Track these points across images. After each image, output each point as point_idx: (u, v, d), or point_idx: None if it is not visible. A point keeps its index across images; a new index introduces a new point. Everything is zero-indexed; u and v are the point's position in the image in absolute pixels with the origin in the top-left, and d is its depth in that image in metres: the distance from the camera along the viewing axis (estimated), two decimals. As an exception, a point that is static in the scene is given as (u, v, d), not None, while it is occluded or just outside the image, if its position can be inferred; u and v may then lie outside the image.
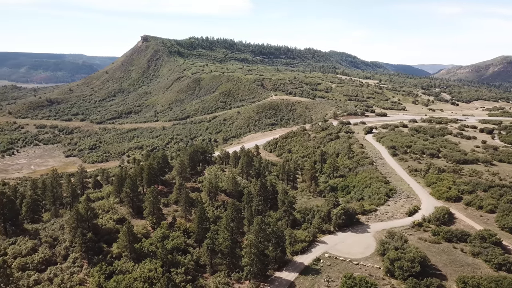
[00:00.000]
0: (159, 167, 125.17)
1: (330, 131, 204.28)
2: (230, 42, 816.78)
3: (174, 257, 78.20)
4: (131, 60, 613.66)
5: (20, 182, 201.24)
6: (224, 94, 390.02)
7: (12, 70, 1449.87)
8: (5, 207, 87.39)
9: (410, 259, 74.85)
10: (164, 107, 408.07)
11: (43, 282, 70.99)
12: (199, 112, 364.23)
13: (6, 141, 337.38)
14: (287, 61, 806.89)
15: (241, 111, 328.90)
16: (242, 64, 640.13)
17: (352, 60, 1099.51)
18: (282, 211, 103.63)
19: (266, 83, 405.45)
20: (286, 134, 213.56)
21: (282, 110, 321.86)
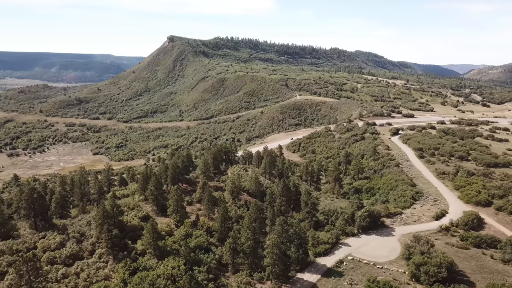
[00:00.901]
0: (183, 166, 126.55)
1: (355, 132, 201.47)
2: (254, 42, 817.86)
3: (196, 255, 78.92)
4: (157, 60, 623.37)
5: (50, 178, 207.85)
6: (248, 94, 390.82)
7: (44, 70, 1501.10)
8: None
9: (437, 264, 72.89)
10: (189, 107, 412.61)
11: (70, 276, 72.99)
12: (223, 112, 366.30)
13: (37, 139, 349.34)
14: (312, 61, 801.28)
15: (264, 111, 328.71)
16: (267, 64, 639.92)
17: (378, 60, 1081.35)
18: (305, 212, 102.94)
19: (290, 83, 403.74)
20: (310, 135, 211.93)
21: (306, 110, 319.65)
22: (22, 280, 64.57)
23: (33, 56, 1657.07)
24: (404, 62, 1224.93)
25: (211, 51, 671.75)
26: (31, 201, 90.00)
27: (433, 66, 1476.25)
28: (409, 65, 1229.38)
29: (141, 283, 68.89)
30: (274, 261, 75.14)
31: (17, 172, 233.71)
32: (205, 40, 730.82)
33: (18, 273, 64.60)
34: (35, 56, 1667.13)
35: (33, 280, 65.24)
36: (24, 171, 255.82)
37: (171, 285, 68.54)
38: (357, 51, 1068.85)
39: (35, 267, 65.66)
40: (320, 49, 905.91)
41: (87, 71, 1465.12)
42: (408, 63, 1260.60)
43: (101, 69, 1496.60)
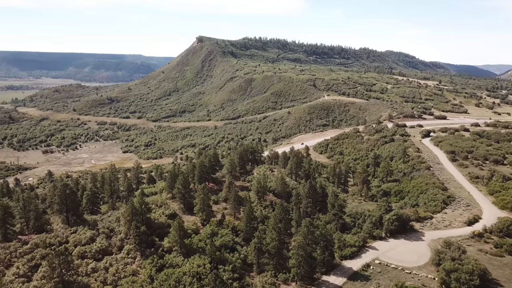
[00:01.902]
0: (210, 165, 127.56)
1: (385, 133, 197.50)
2: (283, 42, 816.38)
3: (222, 254, 79.30)
4: (186, 60, 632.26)
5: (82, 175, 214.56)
6: (275, 94, 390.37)
7: (77, 69, 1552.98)
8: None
9: (469, 271, 70.35)
10: (216, 107, 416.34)
11: (99, 270, 74.89)
12: (250, 112, 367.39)
13: (70, 136, 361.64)
14: (341, 61, 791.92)
15: (291, 111, 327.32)
16: (295, 64, 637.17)
17: (410, 60, 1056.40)
18: (331, 214, 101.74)
19: (318, 83, 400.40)
20: (338, 136, 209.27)
21: (335, 110, 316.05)
22: (54, 272, 66.77)
23: (67, 57, 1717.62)
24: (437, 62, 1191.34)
25: (239, 52, 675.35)
26: (64, 197, 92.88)
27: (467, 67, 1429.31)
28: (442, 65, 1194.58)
29: (167, 280, 69.87)
30: (299, 262, 74.59)
31: (51, 169, 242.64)
32: (233, 41, 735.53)
33: (50, 266, 66.86)
34: (70, 56, 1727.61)
35: (65, 273, 67.32)
36: (58, 167, 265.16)
37: (196, 283, 69.16)
38: (387, 51, 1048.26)
39: (66, 260, 67.75)
40: (350, 49, 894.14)
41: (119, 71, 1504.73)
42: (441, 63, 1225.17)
43: (132, 69, 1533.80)
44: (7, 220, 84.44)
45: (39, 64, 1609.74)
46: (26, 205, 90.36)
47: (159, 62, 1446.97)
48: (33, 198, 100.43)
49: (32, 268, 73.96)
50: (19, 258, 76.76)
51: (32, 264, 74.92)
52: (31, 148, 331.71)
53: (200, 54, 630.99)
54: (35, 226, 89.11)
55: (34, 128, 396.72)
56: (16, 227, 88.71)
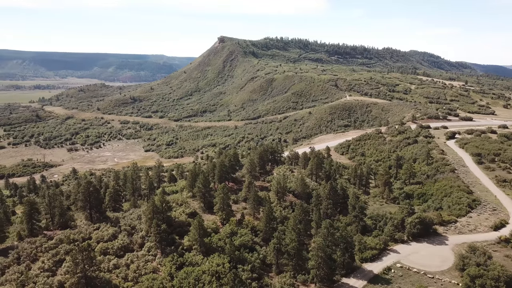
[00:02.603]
0: (230, 165, 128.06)
1: (408, 134, 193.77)
2: (304, 42, 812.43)
3: (241, 254, 79.41)
4: (207, 60, 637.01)
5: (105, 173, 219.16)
6: (296, 94, 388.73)
7: (102, 69, 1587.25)
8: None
9: (494, 278, 68.27)
10: (237, 107, 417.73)
11: (121, 267, 76.19)
12: (270, 112, 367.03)
13: (94, 135, 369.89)
14: (363, 61, 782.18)
15: (312, 112, 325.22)
16: (316, 64, 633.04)
17: (434, 60, 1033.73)
18: (352, 216, 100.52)
19: (340, 84, 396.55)
20: (360, 137, 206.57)
21: (356, 111, 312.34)
22: (77, 268, 68.28)
23: (92, 57, 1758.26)
24: (463, 63, 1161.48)
25: (260, 52, 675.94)
26: (87, 194, 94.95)
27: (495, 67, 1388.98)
28: (468, 65, 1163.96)
29: (187, 278, 70.48)
30: (319, 264, 73.97)
31: (75, 166, 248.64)
32: (255, 41, 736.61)
33: (74, 261, 68.39)
34: (94, 56, 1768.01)
35: (87, 269, 68.75)
36: (82, 165, 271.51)
37: (215, 281, 69.47)
38: (411, 51, 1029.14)
39: (89, 256, 69.17)
40: (372, 49, 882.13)
41: (141, 71, 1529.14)
42: (467, 63, 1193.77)
43: (154, 69, 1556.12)
44: (33, 216, 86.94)
45: (65, 64, 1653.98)
46: (51, 202, 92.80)
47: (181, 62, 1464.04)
48: (58, 195, 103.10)
49: (57, 263, 75.87)
50: (44, 253, 78.88)
51: (57, 259, 76.85)
52: (56, 146, 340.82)
53: (221, 54, 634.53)
54: (59, 222, 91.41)
55: (60, 127, 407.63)
56: (42, 222, 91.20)
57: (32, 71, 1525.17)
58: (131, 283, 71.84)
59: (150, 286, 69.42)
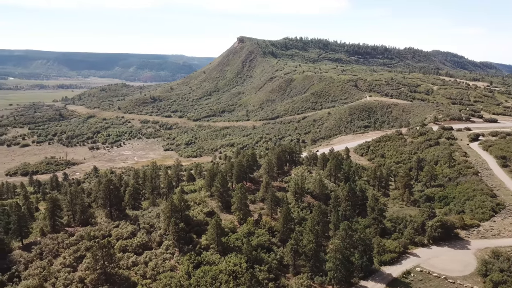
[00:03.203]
0: (248, 165, 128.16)
1: (429, 136, 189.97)
2: (324, 42, 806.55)
3: (258, 254, 79.34)
4: (226, 60, 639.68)
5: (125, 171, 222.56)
6: (315, 94, 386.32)
7: (123, 69, 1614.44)
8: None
9: (519, 285, 66.13)
10: (255, 107, 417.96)
11: (139, 264, 77.22)
12: (289, 112, 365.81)
13: (115, 134, 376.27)
14: (384, 61, 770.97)
15: (332, 112, 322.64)
16: (336, 64, 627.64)
17: (458, 60, 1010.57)
18: (371, 218, 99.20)
19: (360, 84, 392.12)
20: (380, 138, 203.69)
21: (377, 112, 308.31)
22: (97, 264, 69.55)
23: (114, 57, 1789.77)
24: (488, 63, 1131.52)
25: (279, 52, 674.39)
26: (108, 192, 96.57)
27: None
28: (493, 65, 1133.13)
29: (204, 277, 70.85)
30: (337, 266, 73.24)
31: (96, 164, 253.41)
32: (274, 41, 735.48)
33: (94, 258, 69.70)
34: (116, 56, 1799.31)
35: (107, 265, 69.95)
36: (103, 163, 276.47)
37: (232, 281, 69.60)
38: (434, 51, 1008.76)
39: (109, 253, 70.37)
40: (393, 49, 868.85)
41: (161, 71, 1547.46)
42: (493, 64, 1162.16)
43: (174, 69, 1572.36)
44: (55, 212, 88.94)
45: (87, 64, 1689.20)
46: (73, 199, 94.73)
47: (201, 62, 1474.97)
48: (80, 192, 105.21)
49: (77, 259, 77.44)
50: (65, 249, 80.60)
51: (78, 255, 78.44)
52: (78, 144, 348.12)
53: (240, 54, 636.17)
54: (80, 219, 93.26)
55: (82, 125, 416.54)
56: (64, 219, 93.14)
57: (55, 71, 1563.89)
58: (149, 280, 72.69)
59: (168, 284, 70.05)
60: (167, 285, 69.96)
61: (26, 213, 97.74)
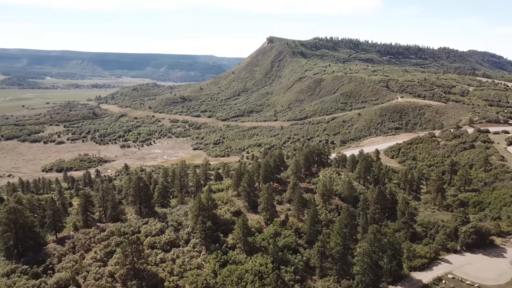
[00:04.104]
0: (275, 165, 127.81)
1: (464, 139, 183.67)
2: (355, 42, 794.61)
3: (284, 255, 78.91)
4: (256, 60, 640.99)
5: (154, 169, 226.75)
6: (345, 95, 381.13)
7: (154, 69, 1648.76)
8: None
9: (560, 297, 62.69)
10: (283, 107, 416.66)
11: (167, 261, 78.33)
12: (317, 112, 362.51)
13: (145, 133, 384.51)
14: (417, 62, 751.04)
15: (362, 113, 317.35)
16: (367, 65, 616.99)
17: (496, 60, 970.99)
18: (401, 222, 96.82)
19: (391, 85, 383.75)
20: (411, 140, 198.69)
21: (408, 113, 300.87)
22: (127, 260, 71.05)
23: (145, 57, 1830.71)
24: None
25: (309, 52, 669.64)
26: (138, 189, 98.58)
27: None
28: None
29: (230, 276, 71.09)
30: (364, 270, 71.85)
31: (127, 162, 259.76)
32: (304, 41, 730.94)
33: (124, 253, 71.24)
34: (147, 57, 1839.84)
35: (136, 261, 71.32)
36: (133, 161, 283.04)
37: (258, 281, 69.50)
38: (470, 51, 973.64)
39: (138, 249, 71.72)
40: (427, 49, 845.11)
41: (191, 71, 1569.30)
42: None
43: (204, 69, 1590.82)
44: (88, 208, 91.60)
45: (120, 64, 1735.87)
46: (104, 195, 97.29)
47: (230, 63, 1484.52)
48: (111, 189, 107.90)
49: (108, 254, 79.36)
50: (97, 244, 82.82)
51: (108, 250, 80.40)
52: (110, 142, 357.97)
53: (269, 54, 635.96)
54: (111, 215, 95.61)
55: (114, 124, 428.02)
56: (95, 215, 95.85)
57: (90, 71, 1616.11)
58: (176, 277, 73.63)
59: (194, 281, 70.69)
60: (193, 282, 70.62)
61: (60, 208, 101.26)
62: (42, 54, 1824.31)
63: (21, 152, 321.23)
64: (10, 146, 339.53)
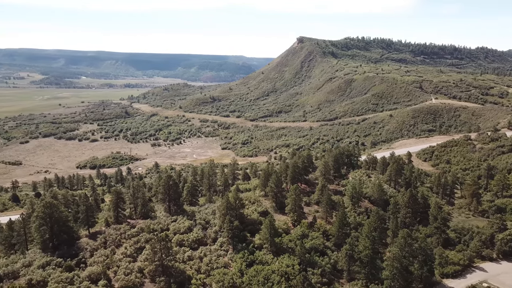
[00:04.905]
0: (303, 166, 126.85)
1: (502, 142, 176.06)
2: (387, 42, 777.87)
3: (311, 257, 78.15)
4: (285, 61, 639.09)
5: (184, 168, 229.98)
6: (376, 95, 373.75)
7: (185, 69, 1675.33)
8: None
9: None
10: (313, 108, 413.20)
11: (194, 259, 79.18)
12: (348, 113, 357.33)
13: (176, 132, 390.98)
14: (453, 62, 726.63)
15: (394, 115, 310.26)
16: (399, 65, 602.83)
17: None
18: (433, 228, 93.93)
19: (425, 85, 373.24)
20: (446, 143, 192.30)
21: (443, 115, 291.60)
22: (155, 256, 72.36)
23: (176, 58, 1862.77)
24: None
25: (340, 52, 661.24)
26: (167, 187, 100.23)
27: None
28: None
29: (256, 276, 71.04)
30: (394, 275, 70.11)
31: (157, 160, 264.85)
32: (335, 41, 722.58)
33: (153, 250, 72.61)
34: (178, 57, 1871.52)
35: (164, 258, 72.51)
36: (163, 159, 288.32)
37: (284, 282, 69.14)
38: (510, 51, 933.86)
39: (166, 246, 72.90)
40: (464, 49, 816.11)
41: (221, 71, 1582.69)
42: None
43: (233, 69, 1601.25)
44: (119, 205, 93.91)
45: (152, 64, 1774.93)
46: (135, 192, 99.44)
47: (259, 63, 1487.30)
48: (141, 187, 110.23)
49: (137, 250, 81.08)
50: (127, 240, 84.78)
51: (138, 246, 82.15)
52: (142, 141, 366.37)
53: (299, 54, 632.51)
54: (141, 212, 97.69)
55: (145, 123, 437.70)
56: (126, 211, 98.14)
57: (123, 71, 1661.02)
58: (203, 275, 74.30)
59: (221, 280, 71.08)
60: (220, 281, 71.03)
61: (93, 204, 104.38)
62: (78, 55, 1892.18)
63: (57, 149, 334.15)
64: (47, 143, 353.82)
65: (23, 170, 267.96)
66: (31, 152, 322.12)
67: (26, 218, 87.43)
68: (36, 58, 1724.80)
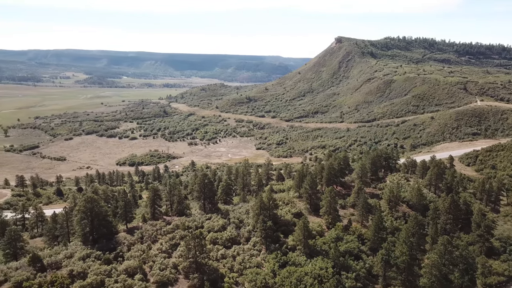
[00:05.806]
0: (339, 168, 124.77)
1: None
2: (430, 42, 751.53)
3: (345, 261, 76.64)
4: (323, 61, 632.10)
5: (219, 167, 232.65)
6: (417, 97, 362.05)
7: (222, 70, 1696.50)
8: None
9: None
10: (350, 109, 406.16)
11: (227, 257, 79.64)
12: (386, 115, 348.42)
13: (212, 131, 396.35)
14: (501, 62, 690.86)
15: (435, 117, 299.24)
16: (442, 65, 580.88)
17: None
18: (475, 235, 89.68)
19: (470, 87, 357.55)
20: (491, 147, 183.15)
21: (489, 118, 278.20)
22: (190, 253, 73.39)
23: (214, 58, 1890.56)
24: None
25: (379, 52, 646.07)
26: (203, 186, 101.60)
27: None
28: None
29: (289, 277, 70.51)
30: (432, 282, 67.57)
31: (194, 159, 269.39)
32: (374, 41, 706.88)
33: (187, 247, 73.67)
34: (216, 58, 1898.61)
35: (198, 255, 73.39)
36: (199, 158, 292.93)
37: (317, 285, 68.21)
38: None
39: (200, 244, 73.76)
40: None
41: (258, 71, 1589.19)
42: None
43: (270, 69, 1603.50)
44: (156, 201, 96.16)
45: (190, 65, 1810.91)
46: (171, 190, 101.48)
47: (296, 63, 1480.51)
48: (178, 184, 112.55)
49: (172, 246, 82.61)
50: (163, 236, 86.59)
51: (173, 242, 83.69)
52: (179, 140, 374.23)
53: (337, 54, 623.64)
54: (177, 209, 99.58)
55: (183, 122, 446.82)
56: (162, 208, 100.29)
57: (162, 71, 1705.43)
58: (236, 274, 74.58)
59: (253, 280, 71.09)
60: (252, 280, 71.05)
61: (131, 200, 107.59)
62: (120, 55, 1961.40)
63: (99, 146, 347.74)
64: (89, 140, 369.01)
65: (67, 165, 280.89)
66: (75, 148, 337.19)
67: (69, 212, 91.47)
68: (81, 59, 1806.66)
